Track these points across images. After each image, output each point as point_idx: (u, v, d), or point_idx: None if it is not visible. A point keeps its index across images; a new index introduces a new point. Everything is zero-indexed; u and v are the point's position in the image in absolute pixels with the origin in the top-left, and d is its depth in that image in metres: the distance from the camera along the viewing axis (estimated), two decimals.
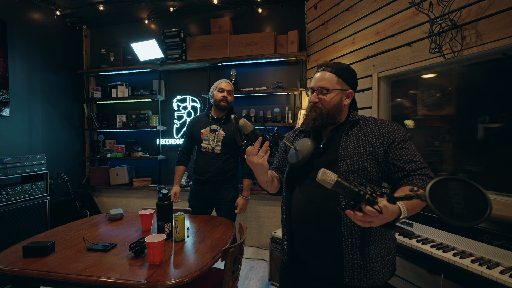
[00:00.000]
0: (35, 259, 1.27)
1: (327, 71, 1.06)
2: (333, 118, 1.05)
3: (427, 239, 1.39)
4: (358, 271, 0.94)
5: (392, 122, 1.01)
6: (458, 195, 0.61)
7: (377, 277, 0.95)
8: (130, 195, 3.60)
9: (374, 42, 2.22)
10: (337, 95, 1.04)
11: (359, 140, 1.00)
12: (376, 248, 0.96)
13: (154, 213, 1.83)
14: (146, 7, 3.34)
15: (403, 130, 0.99)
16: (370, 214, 0.72)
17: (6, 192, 2.34)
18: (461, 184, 0.62)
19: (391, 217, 0.76)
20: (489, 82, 1.62)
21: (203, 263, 1.23)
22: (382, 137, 0.98)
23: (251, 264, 2.80)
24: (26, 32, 2.99)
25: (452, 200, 0.61)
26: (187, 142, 2.24)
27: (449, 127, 1.86)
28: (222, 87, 2.09)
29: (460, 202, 0.60)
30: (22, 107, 2.91)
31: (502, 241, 1.11)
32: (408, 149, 0.95)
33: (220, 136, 2.09)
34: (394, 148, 0.96)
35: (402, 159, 0.94)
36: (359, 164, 0.96)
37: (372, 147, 0.98)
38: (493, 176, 1.60)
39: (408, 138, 0.98)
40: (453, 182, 0.62)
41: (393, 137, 0.97)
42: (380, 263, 0.96)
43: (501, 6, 1.41)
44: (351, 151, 0.99)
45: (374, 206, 0.71)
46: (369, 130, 1.01)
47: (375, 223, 0.74)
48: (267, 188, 1.15)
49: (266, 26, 3.36)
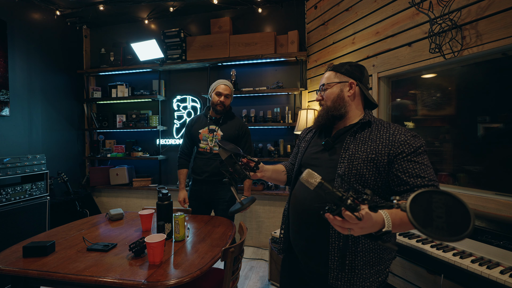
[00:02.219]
0: (35, 259, 1.27)
1: (327, 71, 1.10)
2: (337, 111, 1.03)
3: (427, 239, 1.39)
4: (342, 274, 0.94)
5: (408, 131, 0.94)
6: (440, 209, 0.59)
7: (362, 284, 0.93)
8: (130, 195, 3.60)
9: (374, 42, 2.22)
10: (336, 87, 1.05)
11: (364, 145, 0.96)
12: (366, 256, 0.94)
13: (154, 213, 1.83)
14: (146, 7, 3.34)
15: (418, 142, 0.91)
16: (349, 220, 0.68)
17: (6, 192, 2.35)
18: (445, 198, 0.59)
19: (373, 227, 0.72)
20: (489, 82, 1.62)
21: (203, 263, 1.23)
22: (390, 146, 0.92)
23: (251, 264, 2.80)
24: (26, 32, 2.99)
25: (433, 213, 0.59)
26: (187, 142, 2.23)
27: (449, 127, 1.86)
28: (220, 90, 2.06)
29: (442, 216, 0.58)
30: (22, 107, 2.91)
31: (502, 241, 1.11)
32: (417, 163, 0.88)
33: (218, 136, 2.08)
34: (401, 160, 0.90)
35: (408, 173, 0.88)
36: (357, 169, 0.93)
37: (375, 154, 0.93)
38: (493, 176, 1.60)
39: (422, 152, 0.90)
40: (438, 195, 0.60)
41: (403, 148, 0.90)
42: (368, 271, 0.94)
43: (501, 6, 1.41)
44: (352, 155, 0.96)
45: (354, 213, 0.67)
46: (378, 136, 0.96)
47: (354, 231, 0.71)
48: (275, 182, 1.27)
49: (266, 26, 3.36)
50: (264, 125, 3.15)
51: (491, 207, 1.47)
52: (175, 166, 3.59)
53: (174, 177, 3.61)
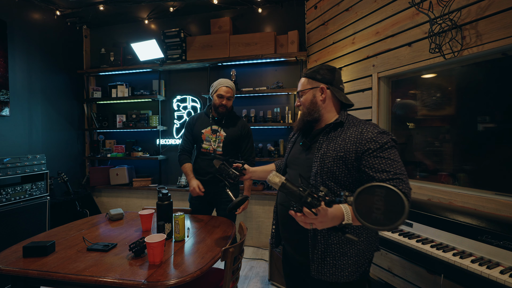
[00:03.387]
0: (35, 259, 1.27)
1: (302, 77, 1.18)
2: (311, 116, 1.11)
3: (427, 239, 1.39)
4: (322, 265, 1.01)
5: (376, 129, 0.99)
6: (379, 201, 0.66)
7: (341, 275, 1.00)
8: (130, 195, 3.60)
9: (374, 42, 2.22)
10: (309, 93, 1.12)
11: (335, 144, 1.02)
12: (343, 248, 1.00)
13: (154, 213, 1.83)
14: (146, 7, 3.34)
15: (385, 138, 0.95)
16: (308, 215, 0.76)
17: (6, 192, 2.35)
18: (385, 191, 0.66)
19: (333, 221, 0.79)
20: (489, 82, 1.62)
21: (203, 263, 1.23)
22: (358, 143, 0.97)
23: (251, 264, 2.80)
24: (26, 32, 2.99)
25: (373, 206, 0.66)
26: (188, 140, 2.15)
27: (449, 127, 1.86)
28: (221, 93, 2.01)
29: (380, 208, 0.66)
30: (22, 107, 2.91)
31: (502, 241, 1.11)
32: (383, 158, 0.92)
33: (221, 137, 2.06)
34: (367, 156, 0.94)
35: (374, 168, 0.93)
36: (328, 167, 1.00)
37: (344, 152, 0.98)
38: (493, 176, 1.60)
39: (388, 147, 0.94)
40: (379, 188, 0.67)
41: (369, 145, 0.95)
42: (346, 262, 1.00)
43: (501, 6, 1.41)
44: (324, 154, 1.02)
45: (312, 209, 0.74)
46: (348, 135, 1.02)
47: (316, 225, 0.79)
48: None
49: (266, 26, 3.36)
50: (264, 125, 3.15)
51: (491, 207, 1.47)
52: (175, 166, 3.62)
53: (174, 177, 3.61)
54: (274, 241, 1.28)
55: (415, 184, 1.92)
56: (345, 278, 1.00)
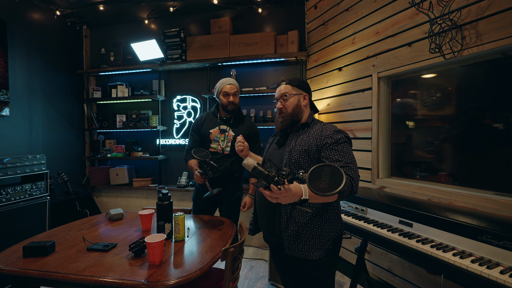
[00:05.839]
0: (35, 259, 1.27)
1: (283, 84, 1.37)
2: (296, 117, 1.32)
3: (427, 239, 1.39)
4: (291, 243, 1.21)
5: (333, 128, 1.24)
6: (326, 176, 0.88)
7: (309, 252, 1.20)
8: (130, 195, 3.60)
9: (374, 42, 2.22)
10: (294, 98, 1.32)
11: (302, 140, 1.26)
12: (307, 229, 1.21)
13: (154, 213, 1.83)
14: (146, 7, 3.34)
15: (339, 135, 1.20)
16: (274, 191, 0.93)
17: (6, 192, 2.35)
18: (331, 168, 0.88)
19: (294, 197, 0.96)
20: (489, 82, 1.62)
21: (203, 263, 1.23)
22: (318, 139, 1.22)
23: (251, 264, 2.80)
24: (26, 32, 2.99)
25: (321, 178, 0.88)
26: (195, 141, 2.11)
27: (449, 127, 1.86)
28: (226, 91, 2.01)
29: (326, 180, 0.87)
30: (22, 107, 2.91)
31: (502, 241, 1.11)
32: (337, 150, 1.17)
33: (230, 137, 2.05)
34: (325, 149, 1.19)
35: (330, 158, 1.17)
36: (295, 159, 1.23)
37: (307, 146, 1.22)
38: (493, 176, 1.60)
39: (342, 142, 1.19)
40: (327, 167, 0.89)
41: (327, 140, 1.19)
42: (312, 241, 1.20)
43: (501, 6, 1.41)
44: (292, 148, 1.26)
45: (278, 186, 0.92)
46: (311, 133, 1.26)
47: (281, 200, 0.96)
48: None
49: (266, 26, 3.36)
50: (264, 125, 3.15)
51: (491, 207, 1.47)
52: (175, 166, 3.62)
53: (174, 177, 3.61)
54: (252, 228, 1.47)
55: (415, 184, 1.92)
56: (313, 255, 1.19)
